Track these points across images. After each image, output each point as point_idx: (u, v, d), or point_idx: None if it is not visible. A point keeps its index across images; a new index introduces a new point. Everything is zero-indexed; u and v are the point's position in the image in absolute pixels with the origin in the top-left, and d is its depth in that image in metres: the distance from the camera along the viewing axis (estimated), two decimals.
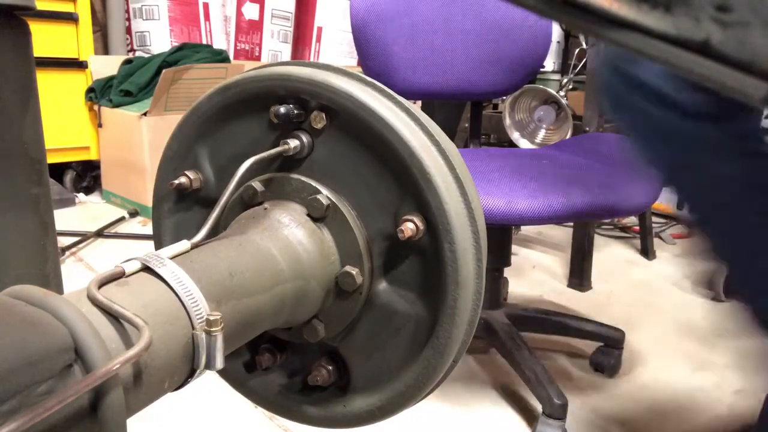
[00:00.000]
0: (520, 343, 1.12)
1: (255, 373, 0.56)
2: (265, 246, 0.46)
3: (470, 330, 0.49)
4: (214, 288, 0.40)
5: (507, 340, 1.12)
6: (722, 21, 0.15)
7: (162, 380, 0.36)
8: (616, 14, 0.16)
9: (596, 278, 1.77)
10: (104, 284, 0.36)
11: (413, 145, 0.46)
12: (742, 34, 0.15)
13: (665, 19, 0.16)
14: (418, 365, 0.49)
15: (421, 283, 0.48)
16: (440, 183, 0.45)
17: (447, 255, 0.46)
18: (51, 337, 0.29)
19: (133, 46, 2.74)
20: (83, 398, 0.30)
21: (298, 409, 0.55)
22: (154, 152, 2.13)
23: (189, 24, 2.78)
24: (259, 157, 0.49)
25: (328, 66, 0.51)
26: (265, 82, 0.50)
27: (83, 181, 2.50)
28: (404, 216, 0.47)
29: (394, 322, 0.50)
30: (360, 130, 0.47)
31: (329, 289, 0.49)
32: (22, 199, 0.36)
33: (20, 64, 0.40)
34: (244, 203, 0.52)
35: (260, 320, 0.45)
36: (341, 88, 0.47)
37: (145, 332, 0.33)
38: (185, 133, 0.55)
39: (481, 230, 0.48)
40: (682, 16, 0.15)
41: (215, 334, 0.37)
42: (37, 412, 0.26)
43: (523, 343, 1.12)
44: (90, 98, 2.36)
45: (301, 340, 0.51)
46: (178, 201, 0.57)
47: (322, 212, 0.49)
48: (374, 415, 0.52)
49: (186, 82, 2.15)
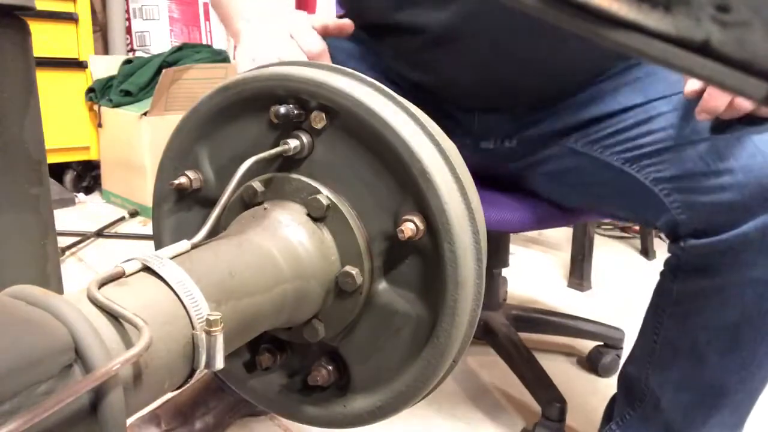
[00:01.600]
0: (518, 345, 1.11)
1: (255, 373, 0.56)
2: (265, 246, 0.46)
3: (470, 330, 0.49)
4: (214, 288, 0.40)
5: (505, 342, 1.12)
6: (722, 21, 0.15)
7: (162, 380, 0.36)
8: (616, 14, 0.16)
9: (596, 278, 1.77)
10: (104, 284, 0.36)
11: (413, 145, 0.46)
12: (742, 34, 0.15)
13: (665, 19, 0.16)
14: (418, 365, 0.49)
15: (421, 283, 0.48)
16: (440, 183, 0.45)
17: (447, 255, 0.46)
18: (51, 337, 0.29)
19: (133, 46, 2.74)
20: (83, 398, 0.30)
21: (298, 408, 0.55)
22: (154, 152, 2.13)
23: (189, 24, 2.78)
24: (259, 157, 0.49)
25: (328, 66, 0.51)
26: (265, 82, 0.50)
27: (83, 181, 2.49)
28: (404, 216, 0.47)
29: (394, 322, 0.50)
30: (360, 130, 0.47)
31: (329, 289, 0.49)
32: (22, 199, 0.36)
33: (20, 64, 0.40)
34: (244, 203, 0.52)
35: (260, 320, 0.45)
36: (341, 88, 0.47)
37: (145, 332, 0.33)
38: (185, 133, 0.55)
39: (481, 230, 0.48)
40: (682, 16, 0.15)
41: (215, 334, 0.37)
42: (37, 412, 0.26)
43: (522, 345, 1.12)
44: (90, 98, 2.36)
45: (301, 340, 0.51)
46: (178, 201, 0.57)
47: (322, 212, 0.49)
48: (374, 415, 0.52)
49: (186, 82, 2.15)
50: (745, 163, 0.66)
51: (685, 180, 0.71)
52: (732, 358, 0.71)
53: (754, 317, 0.69)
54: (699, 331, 0.73)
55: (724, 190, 0.67)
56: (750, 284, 0.68)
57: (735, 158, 0.67)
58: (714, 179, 0.68)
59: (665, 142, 0.73)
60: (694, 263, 0.72)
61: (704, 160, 0.69)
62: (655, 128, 0.74)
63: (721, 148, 0.68)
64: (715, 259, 0.69)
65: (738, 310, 0.69)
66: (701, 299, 0.72)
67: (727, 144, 0.68)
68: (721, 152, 0.68)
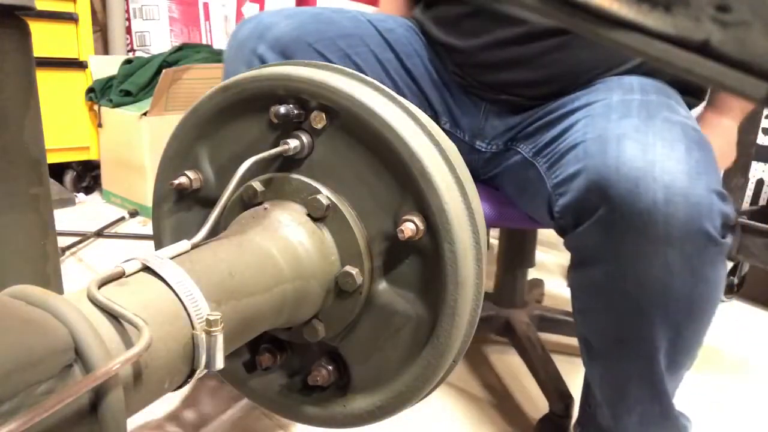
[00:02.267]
0: (535, 342, 1.12)
1: (255, 373, 0.56)
2: (265, 246, 0.46)
3: (470, 330, 0.49)
4: (214, 288, 0.40)
5: (524, 339, 1.13)
6: (722, 21, 0.15)
7: (162, 380, 0.36)
8: (616, 14, 0.16)
9: None
10: (104, 284, 0.36)
11: (413, 145, 0.46)
12: (742, 34, 0.15)
13: (665, 19, 0.16)
14: (418, 365, 0.49)
15: (421, 283, 0.48)
16: (440, 183, 0.45)
17: (447, 255, 0.46)
18: (51, 337, 0.29)
19: (133, 46, 2.74)
20: (83, 398, 0.30)
21: (298, 408, 0.55)
22: (154, 152, 2.13)
23: (189, 24, 2.78)
24: (259, 157, 0.49)
25: (328, 66, 0.51)
26: (265, 82, 0.50)
27: (83, 181, 2.49)
28: (404, 216, 0.46)
29: (394, 322, 0.50)
30: (360, 130, 0.47)
31: (329, 289, 0.49)
32: (22, 199, 0.36)
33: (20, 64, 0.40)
34: (244, 203, 0.52)
35: (260, 320, 0.45)
36: (341, 88, 0.47)
37: (145, 332, 0.33)
38: (185, 133, 0.55)
39: (481, 230, 0.48)
40: (682, 16, 0.15)
41: (215, 334, 0.37)
42: (37, 412, 0.26)
43: (539, 342, 1.12)
44: (90, 98, 2.36)
45: (301, 340, 0.51)
46: (178, 201, 0.57)
47: (322, 212, 0.48)
48: (374, 415, 0.52)
49: (186, 82, 2.15)
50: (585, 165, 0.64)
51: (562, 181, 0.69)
52: (617, 359, 0.68)
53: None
54: (588, 329, 0.71)
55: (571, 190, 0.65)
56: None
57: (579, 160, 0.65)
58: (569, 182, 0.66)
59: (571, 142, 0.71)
60: (573, 257, 0.70)
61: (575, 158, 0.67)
62: (569, 132, 0.72)
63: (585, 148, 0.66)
64: (584, 252, 0.67)
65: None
66: (582, 296, 0.70)
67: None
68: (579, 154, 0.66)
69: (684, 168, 0.60)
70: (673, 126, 0.65)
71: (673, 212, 0.58)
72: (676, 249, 0.59)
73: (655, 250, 0.59)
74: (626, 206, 0.59)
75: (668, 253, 0.59)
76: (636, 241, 0.60)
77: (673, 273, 0.60)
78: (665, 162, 0.60)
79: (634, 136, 0.63)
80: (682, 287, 0.60)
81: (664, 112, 0.68)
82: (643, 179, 0.59)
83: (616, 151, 0.62)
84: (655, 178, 0.59)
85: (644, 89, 0.75)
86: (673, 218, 0.58)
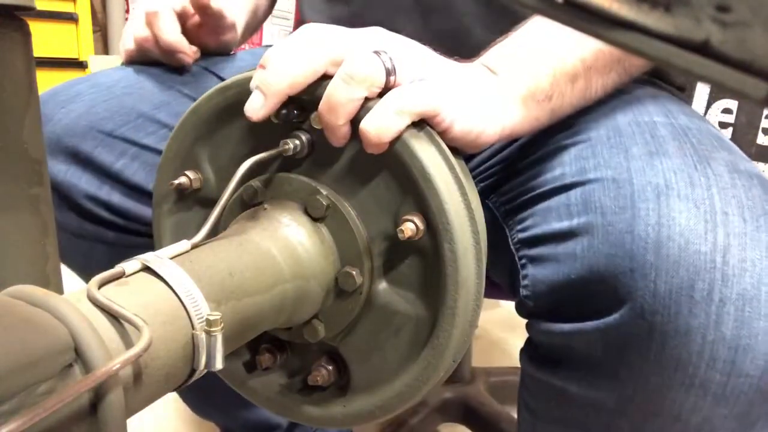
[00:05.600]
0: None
1: (255, 373, 0.56)
2: (265, 246, 0.46)
3: (470, 330, 0.49)
4: (214, 288, 0.40)
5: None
6: (722, 21, 0.15)
7: (162, 380, 0.36)
8: (616, 14, 0.16)
9: None
10: (104, 284, 0.36)
11: (413, 144, 0.46)
12: (742, 34, 0.15)
13: (665, 19, 0.16)
14: (418, 365, 0.49)
15: (421, 283, 0.48)
16: (440, 183, 0.45)
17: (447, 255, 0.46)
18: (51, 337, 0.29)
19: None
20: (83, 398, 0.30)
21: (298, 408, 0.55)
22: None
23: None
24: (259, 157, 0.49)
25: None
26: None
27: None
28: (404, 216, 0.46)
29: (394, 322, 0.50)
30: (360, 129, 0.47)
31: (329, 289, 0.49)
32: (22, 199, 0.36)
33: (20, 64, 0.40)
34: (244, 203, 0.52)
35: (260, 320, 0.45)
36: None
37: (145, 332, 0.33)
38: (185, 133, 0.55)
39: (481, 230, 0.48)
40: (682, 16, 0.15)
41: (215, 334, 0.37)
42: (37, 412, 0.26)
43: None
44: None
45: (301, 340, 0.51)
46: (178, 201, 0.58)
47: (322, 212, 0.49)
48: (374, 415, 0.52)
49: None
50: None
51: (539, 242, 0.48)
52: None
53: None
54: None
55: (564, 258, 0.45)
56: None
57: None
58: (561, 243, 0.45)
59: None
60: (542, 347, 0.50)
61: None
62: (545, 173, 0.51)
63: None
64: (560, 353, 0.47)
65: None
66: (549, 402, 0.51)
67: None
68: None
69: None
70: (749, 180, 0.39)
71: (752, 346, 0.34)
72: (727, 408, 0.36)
73: (704, 404, 0.36)
74: (669, 322, 0.35)
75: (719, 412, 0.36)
76: (676, 384, 0.36)
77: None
78: (747, 251, 0.34)
79: (684, 192, 0.38)
80: None
81: (721, 152, 0.42)
82: (709, 277, 0.34)
83: (655, 213, 0.37)
84: (728, 278, 0.34)
85: (667, 109, 0.51)
86: (750, 356, 0.34)
